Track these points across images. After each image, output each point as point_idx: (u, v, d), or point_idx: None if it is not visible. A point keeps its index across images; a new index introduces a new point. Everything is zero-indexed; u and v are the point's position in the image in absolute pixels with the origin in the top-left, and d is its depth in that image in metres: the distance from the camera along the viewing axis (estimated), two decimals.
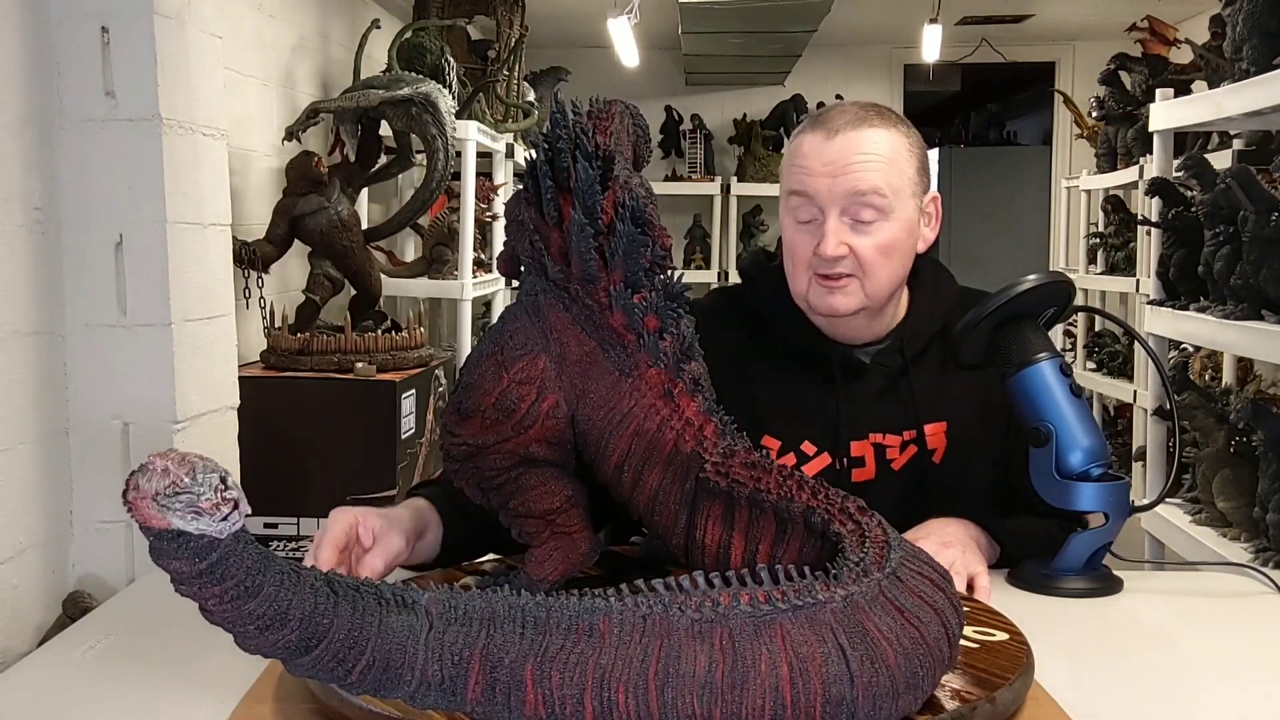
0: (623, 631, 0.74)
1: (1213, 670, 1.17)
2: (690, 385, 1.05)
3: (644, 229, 1.06)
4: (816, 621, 0.76)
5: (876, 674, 0.76)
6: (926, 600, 0.84)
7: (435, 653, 0.74)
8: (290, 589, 0.73)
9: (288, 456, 2.53)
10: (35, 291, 1.86)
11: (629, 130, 1.22)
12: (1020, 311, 1.38)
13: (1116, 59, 4.38)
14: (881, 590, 0.81)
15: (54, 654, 1.19)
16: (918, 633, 0.81)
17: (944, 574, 0.92)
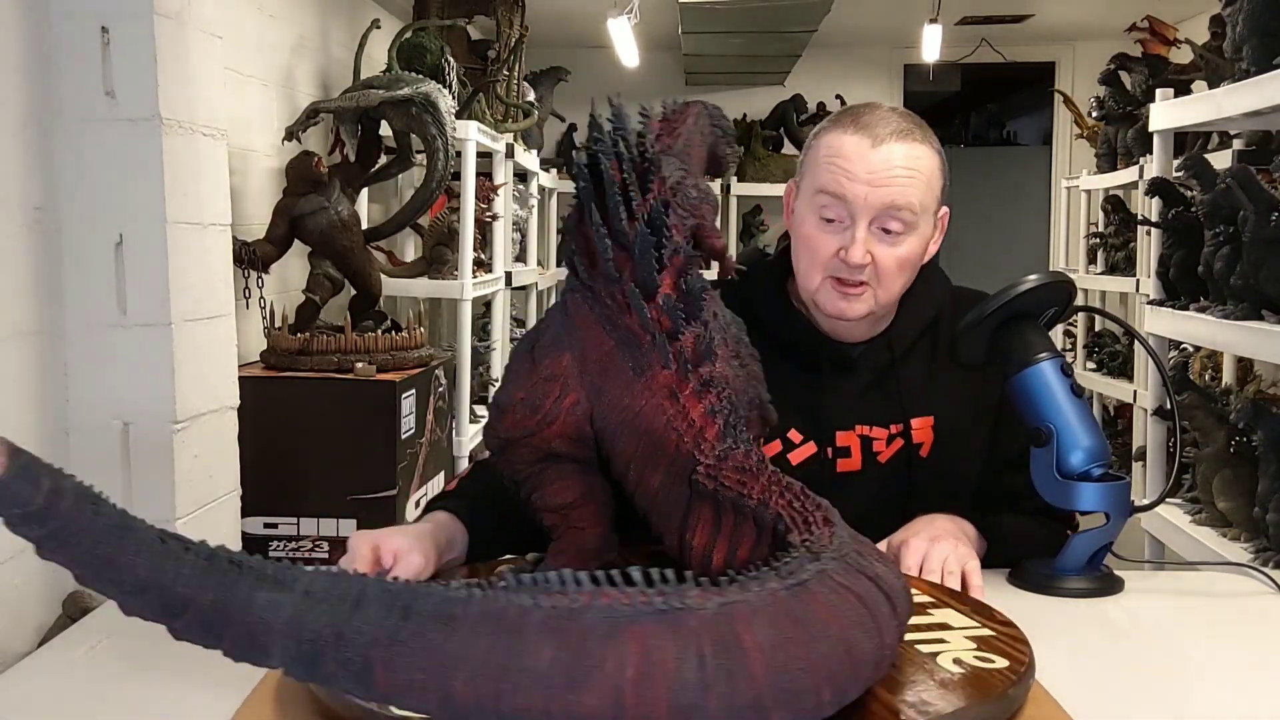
0: (476, 622, 0.73)
1: (1213, 670, 1.17)
2: (699, 386, 1.04)
3: (660, 230, 1.06)
4: (680, 627, 0.74)
5: (735, 686, 0.74)
6: (843, 614, 0.81)
7: (294, 629, 0.74)
8: (148, 559, 0.77)
9: (288, 456, 2.53)
10: (35, 291, 1.86)
11: (704, 132, 1.23)
12: (1021, 311, 1.38)
13: (1116, 59, 4.38)
14: (776, 600, 0.78)
15: (54, 654, 1.19)
16: (811, 647, 0.78)
17: (894, 592, 0.88)
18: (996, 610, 1.15)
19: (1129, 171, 4.43)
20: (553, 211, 5.82)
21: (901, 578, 0.93)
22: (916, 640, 1.04)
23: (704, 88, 6.17)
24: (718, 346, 1.07)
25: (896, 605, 0.87)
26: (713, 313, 1.10)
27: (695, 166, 1.20)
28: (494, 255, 3.77)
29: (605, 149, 1.10)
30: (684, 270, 1.08)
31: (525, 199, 4.54)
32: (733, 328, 1.17)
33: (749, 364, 1.15)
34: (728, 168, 1.31)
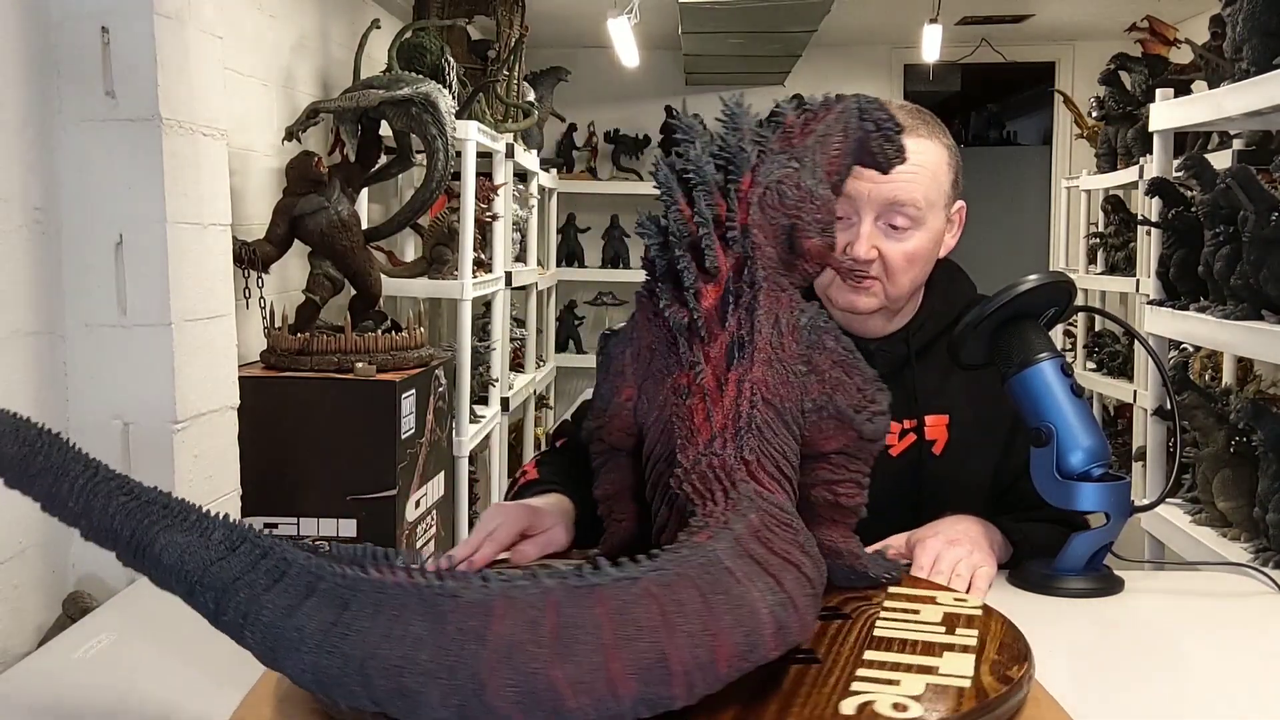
0: (299, 584, 0.77)
1: (1213, 670, 1.17)
2: (714, 389, 1.04)
3: (706, 231, 1.08)
4: (431, 606, 0.75)
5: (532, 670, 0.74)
6: (642, 622, 0.78)
7: (177, 572, 0.80)
8: (80, 496, 0.86)
9: (288, 456, 2.53)
10: (35, 291, 1.86)
11: (848, 127, 1.22)
12: (1021, 311, 1.38)
13: (1116, 59, 4.38)
14: (574, 590, 0.77)
15: (54, 654, 1.19)
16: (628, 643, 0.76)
17: (749, 597, 0.83)
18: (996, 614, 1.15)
19: (1129, 171, 4.44)
20: (553, 211, 5.82)
21: (792, 611, 0.86)
22: (915, 641, 1.04)
23: (704, 88, 6.17)
24: (760, 350, 1.05)
25: (723, 630, 0.80)
26: (774, 316, 1.08)
27: (825, 164, 1.19)
28: (494, 255, 3.77)
29: (687, 148, 1.12)
30: (741, 269, 1.07)
31: (525, 199, 4.54)
32: (808, 333, 1.11)
33: (826, 372, 1.10)
34: (888, 162, 1.26)
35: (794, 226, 1.11)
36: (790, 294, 1.12)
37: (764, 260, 1.09)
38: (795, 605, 0.86)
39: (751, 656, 0.82)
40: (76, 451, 0.88)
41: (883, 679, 0.95)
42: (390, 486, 2.58)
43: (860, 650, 1.01)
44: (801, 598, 0.87)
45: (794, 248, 1.11)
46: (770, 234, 1.10)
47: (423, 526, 2.86)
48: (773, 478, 1.00)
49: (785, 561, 0.88)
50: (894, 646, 1.02)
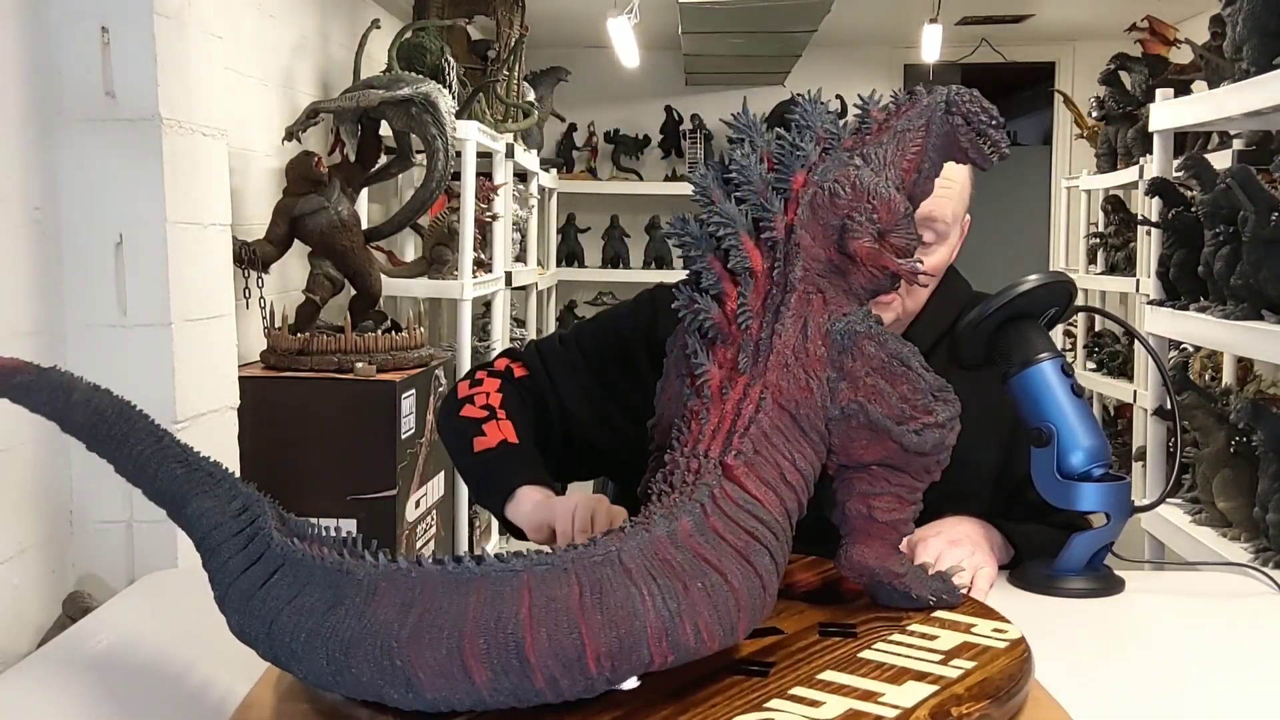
0: (325, 574, 0.84)
1: (1213, 670, 1.17)
2: (714, 390, 1.04)
3: (709, 237, 1.07)
4: (507, 585, 0.82)
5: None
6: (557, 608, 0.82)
7: (199, 537, 0.90)
8: (135, 458, 0.96)
9: (288, 456, 2.53)
10: (35, 291, 1.86)
11: (932, 122, 1.16)
12: (1021, 311, 1.38)
13: (1116, 59, 4.38)
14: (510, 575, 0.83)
15: (54, 654, 1.19)
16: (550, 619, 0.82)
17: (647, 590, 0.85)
18: (995, 614, 1.15)
19: (1129, 171, 4.44)
20: (553, 211, 5.82)
21: (677, 620, 0.85)
22: (890, 666, 0.99)
23: (704, 87, 6.17)
24: (778, 354, 1.03)
25: (589, 627, 0.82)
26: (802, 320, 1.05)
27: (902, 162, 1.14)
28: (494, 255, 3.77)
29: (738, 149, 1.10)
30: (772, 270, 1.06)
31: (525, 199, 4.54)
32: (842, 338, 1.06)
33: (861, 379, 1.05)
34: (983, 159, 1.17)
35: (844, 227, 1.07)
36: (830, 297, 1.08)
37: (807, 262, 1.07)
38: (697, 614, 0.86)
39: (628, 660, 0.83)
40: (146, 422, 0.97)
41: (809, 699, 0.91)
42: (390, 486, 2.58)
43: (819, 669, 0.97)
44: (710, 608, 0.87)
45: (843, 249, 1.08)
46: (820, 235, 1.08)
47: (423, 526, 2.86)
48: (766, 484, 0.99)
49: (708, 568, 0.88)
50: (863, 670, 0.98)
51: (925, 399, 1.07)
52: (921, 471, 1.09)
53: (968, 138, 1.15)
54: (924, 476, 1.10)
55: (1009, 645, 1.04)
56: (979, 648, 1.03)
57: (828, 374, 1.05)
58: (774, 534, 0.97)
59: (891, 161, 1.13)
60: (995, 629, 1.08)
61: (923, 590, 1.12)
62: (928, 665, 0.99)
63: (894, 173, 1.13)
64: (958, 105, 1.15)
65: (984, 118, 1.16)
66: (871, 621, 1.09)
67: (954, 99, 1.16)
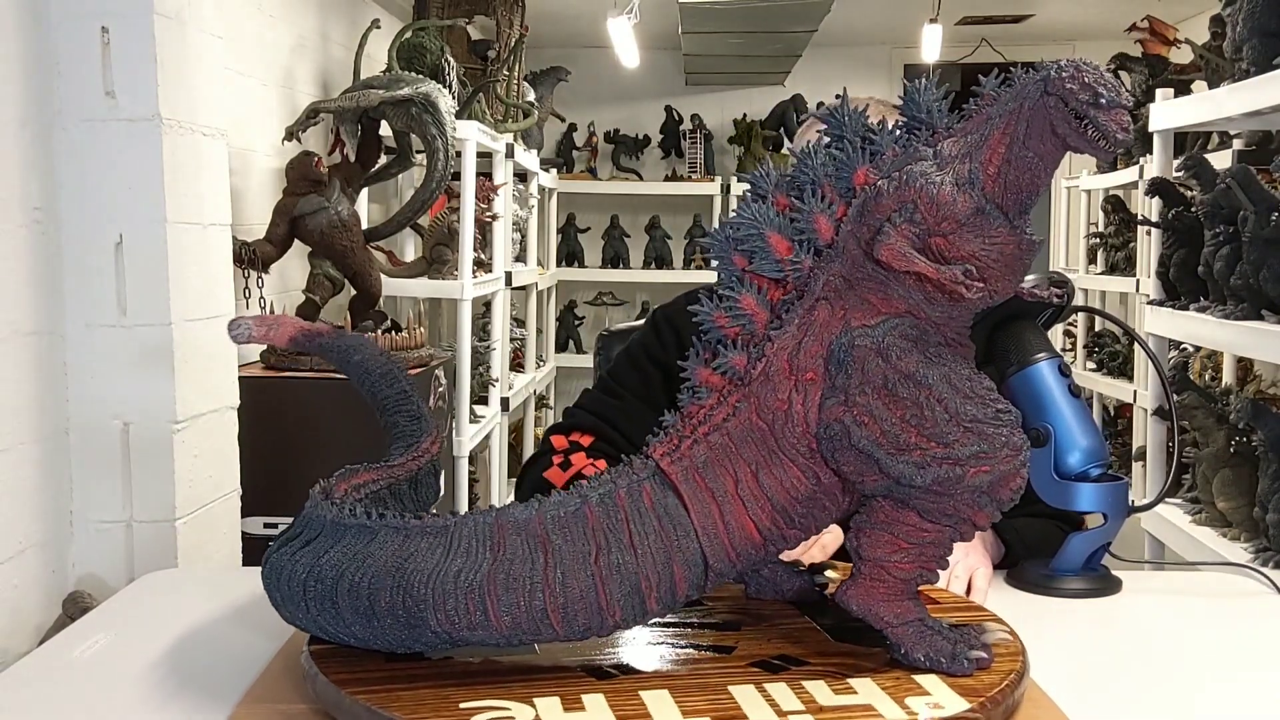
0: (386, 531, 1.01)
1: (1213, 670, 1.17)
2: (687, 398, 1.04)
3: (739, 241, 1.03)
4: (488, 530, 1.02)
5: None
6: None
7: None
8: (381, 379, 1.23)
9: (288, 456, 2.53)
10: (35, 291, 1.86)
11: (1024, 107, 0.96)
12: (1019, 312, 1.38)
13: (1116, 59, 4.38)
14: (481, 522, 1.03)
15: (54, 654, 1.19)
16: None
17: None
18: (991, 615, 1.15)
19: (1129, 171, 4.44)
20: (553, 211, 5.82)
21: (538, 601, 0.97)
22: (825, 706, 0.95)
23: (704, 87, 6.17)
24: (769, 363, 0.99)
25: (444, 584, 0.97)
26: (806, 330, 0.99)
27: (985, 154, 0.97)
28: (494, 255, 3.77)
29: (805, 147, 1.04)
30: (796, 272, 1.01)
31: (525, 199, 4.54)
32: (840, 353, 0.99)
33: (857, 400, 0.96)
34: (1092, 145, 0.94)
35: (879, 229, 0.97)
36: (850, 306, 0.98)
37: (844, 267, 0.98)
38: (520, 588, 0.96)
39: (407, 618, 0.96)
40: (403, 385, 1.21)
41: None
42: None
43: (764, 677, 0.97)
44: (536, 591, 0.95)
45: (870, 253, 0.97)
46: (865, 237, 0.98)
47: None
48: (709, 492, 0.98)
49: (543, 558, 0.97)
50: (815, 689, 0.94)
51: (939, 428, 0.94)
52: (936, 513, 0.96)
53: (1065, 123, 0.94)
54: (940, 519, 0.97)
55: (979, 705, 0.91)
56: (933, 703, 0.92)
57: (820, 389, 0.98)
58: (669, 547, 0.97)
59: (967, 153, 0.98)
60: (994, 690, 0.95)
61: (916, 650, 0.98)
62: (860, 699, 0.93)
63: (968, 166, 0.97)
64: (1055, 84, 0.94)
65: (1084, 97, 0.93)
66: None
67: (1053, 75, 0.94)
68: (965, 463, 0.94)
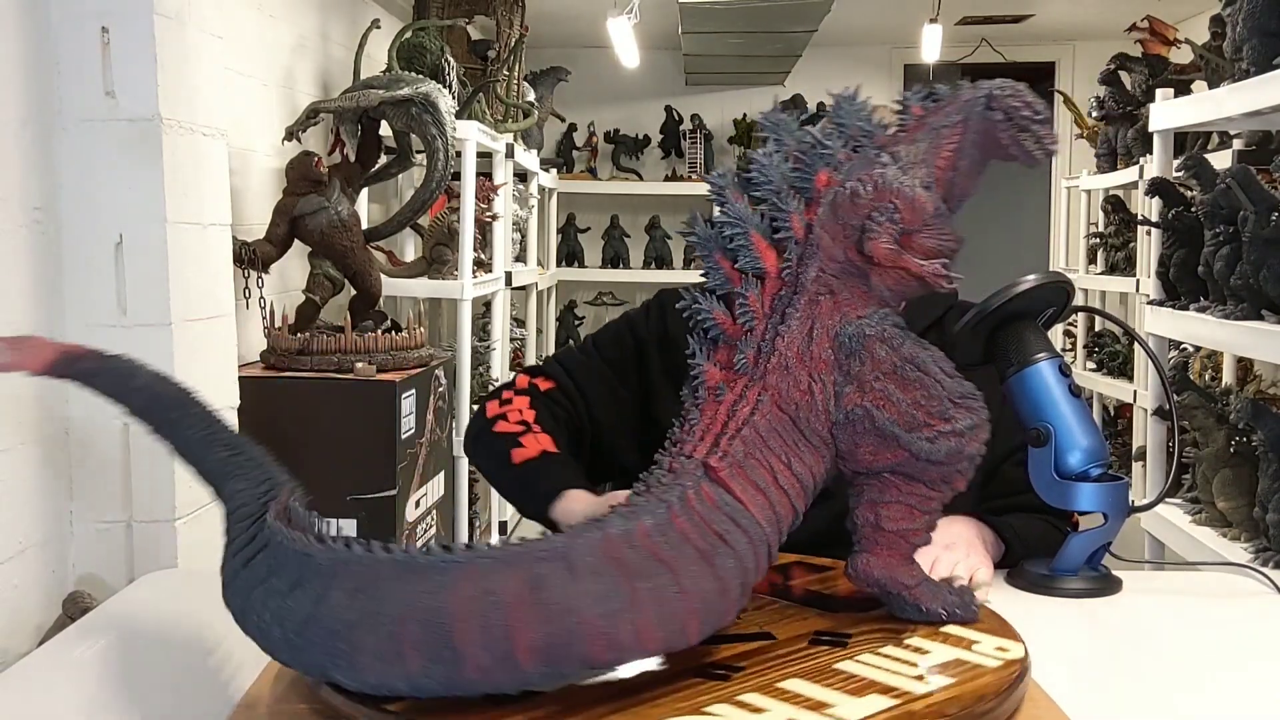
0: (341, 565, 0.88)
1: (1213, 670, 1.17)
2: (712, 392, 1.04)
3: (719, 236, 1.06)
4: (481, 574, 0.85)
5: None
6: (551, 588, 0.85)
7: (235, 533, 0.95)
8: (188, 444, 1.03)
9: (288, 456, 2.50)
10: (35, 291, 1.86)
11: (971, 119, 1.10)
12: (1019, 311, 1.38)
13: (1116, 59, 4.38)
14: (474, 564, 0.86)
15: (54, 654, 1.19)
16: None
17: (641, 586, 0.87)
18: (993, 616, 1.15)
19: (1129, 171, 4.44)
20: (553, 211, 5.82)
21: (624, 619, 0.87)
22: (859, 677, 0.98)
23: (704, 87, 6.17)
24: (780, 355, 1.03)
25: (576, 622, 0.84)
26: (810, 322, 1.04)
27: (937, 160, 1.10)
28: (494, 255, 3.77)
29: (761, 147, 1.09)
30: (788, 268, 1.05)
31: (525, 199, 4.54)
32: (850, 341, 1.05)
33: (870, 384, 1.03)
34: (1027, 155, 1.12)
35: (864, 228, 1.05)
36: (843, 298, 1.05)
37: (825, 263, 1.05)
38: (640, 612, 0.86)
39: (563, 656, 0.84)
40: (201, 409, 1.04)
41: (754, 705, 0.91)
42: (390, 486, 2.58)
43: (785, 677, 0.96)
44: (654, 607, 0.87)
45: (860, 250, 1.05)
46: (840, 235, 1.05)
47: (423, 526, 2.86)
48: (755, 486, 0.99)
49: (660, 567, 0.88)
50: (829, 680, 0.96)
51: (942, 405, 1.04)
52: (938, 481, 1.06)
53: (1008, 134, 1.11)
54: (941, 487, 1.07)
55: (1001, 665, 1.00)
56: (967, 665, 1.00)
57: (834, 377, 1.04)
58: (749, 537, 0.96)
59: (923, 159, 1.09)
60: (999, 647, 1.04)
61: (934, 604, 1.09)
62: (900, 680, 0.96)
63: (926, 171, 1.08)
64: (998, 100, 1.11)
65: (1026, 113, 1.11)
66: (871, 632, 1.07)
67: (995, 93, 1.11)
68: (964, 435, 1.05)
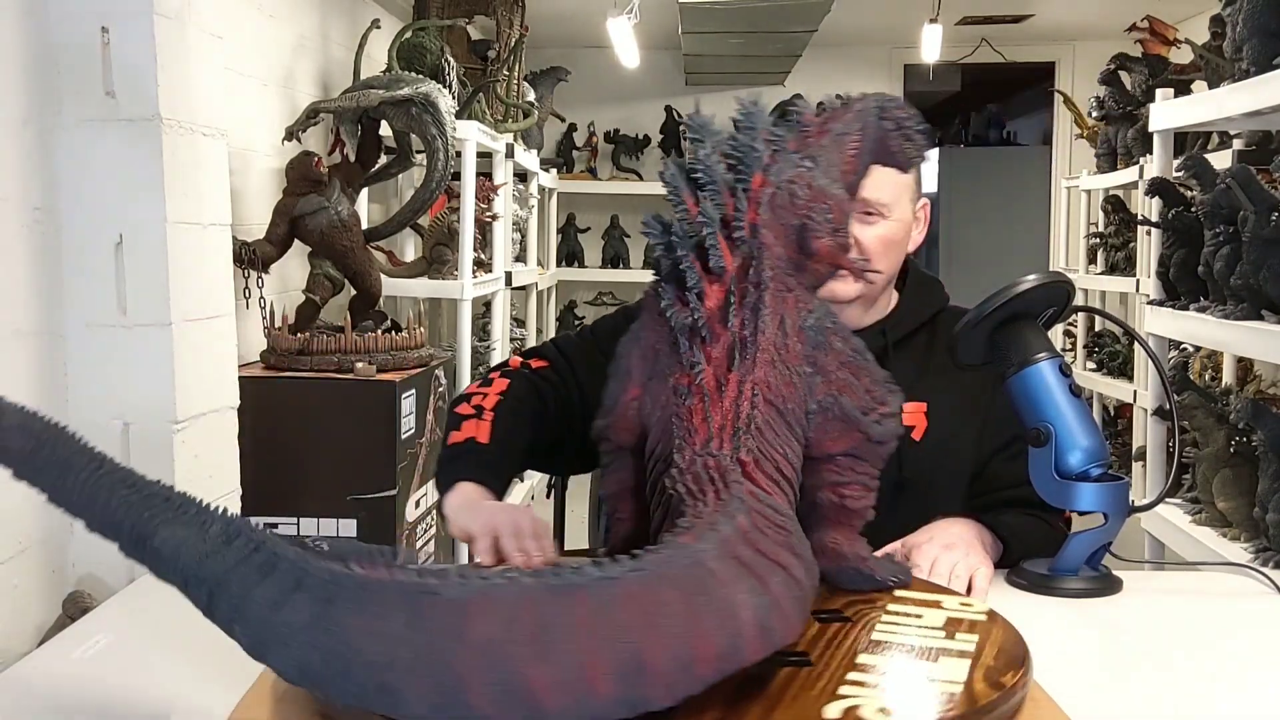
0: (287, 579, 0.76)
1: (1213, 670, 1.17)
2: (715, 388, 1.04)
3: (708, 230, 1.07)
4: (413, 604, 0.74)
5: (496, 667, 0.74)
6: (640, 616, 0.77)
7: (173, 565, 0.80)
8: (84, 489, 0.84)
9: (288, 456, 2.53)
10: (35, 291, 1.86)
11: (867, 126, 1.23)
12: (1020, 311, 1.38)
13: (1116, 59, 4.38)
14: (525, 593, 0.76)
15: (54, 654, 1.19)
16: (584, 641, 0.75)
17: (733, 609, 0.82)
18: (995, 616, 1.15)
19: (1129, 171, 4.44)
20: (553, 211, 5.82)
21: (776, 614, 0.85)
22: (912, 646, 1.04)
23: (704, 88, 6.17)
24: (763, 351, 1.05)
25: (703, 631, 0.79)
26: (779, 317, 1.08)
27: (841, 163, 1.20)
28: (494, 255, 3.77)
29: (698, 148, 1.11)
30: (746, 269, 1.07)
31: (525, 199, 4.54)
32: (814, 334, 1.10)
33: (833, 373, 1.10)
34: (908, 161, 1.28)
35: (804, 226, 1.11)
36: (797, 294, 1.11)
37: (772, 260, 1.09)
38: (780, 608, 0.85)
39: (733, 659, 0.81)
40: (82, 445, 0.86)
41: (872, 683, 0.94)
42: (390, 486, 2.58)
43: (854, 654, 1.00)
44: (788, 601, 0.86)
45: (804, 248, 1.12)
46: (780, 234, 1.10)
47: (422, 526, 2.86)
48: (771, 479, 1.00)
49: (773, 564, 0.88)
50: (890, 650, 1.02)
51: (882, 391, 1.13)
52: (879, 460, 1.14)
53: (897, 141, 1.25)
54: (879, 464, 1.15)
55: (987, 616, 1.11)
56: (965, 621, 1.10)
57: (804, 369, 1.08)
58: (796, 530, 0.97)
59: (834, 163, 1.18)
60: (961, 603, 1.16)
61: (884, 573, 1.19)
62: (940, 641, 1.04)
63: (835, 174, 1.18)
64: (889, 111, 1.25)
65: (910, 123, 1.26)
66: (852, 605, 1.13)
67: (886, 105, 1.25)
68: (896, 415, 1.14)
